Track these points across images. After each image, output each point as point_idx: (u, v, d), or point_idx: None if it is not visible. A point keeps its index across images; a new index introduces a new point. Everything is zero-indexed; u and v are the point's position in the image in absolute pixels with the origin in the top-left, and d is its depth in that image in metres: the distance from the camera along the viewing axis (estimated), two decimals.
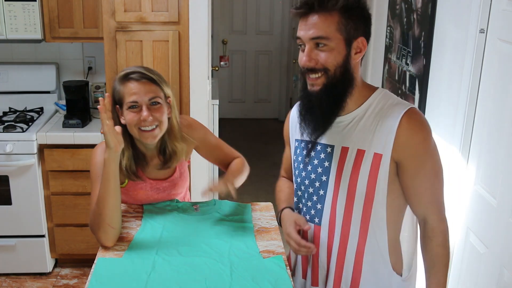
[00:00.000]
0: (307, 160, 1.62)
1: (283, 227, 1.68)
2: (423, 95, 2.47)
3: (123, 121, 1.79)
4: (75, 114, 3.18)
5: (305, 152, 1.62)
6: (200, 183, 3.03)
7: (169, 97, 1.83)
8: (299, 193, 1.69)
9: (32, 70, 3.40)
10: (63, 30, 3.07)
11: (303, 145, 1.64)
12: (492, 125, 1.94)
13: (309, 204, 1.64)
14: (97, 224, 1.71)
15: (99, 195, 1.71)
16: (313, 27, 1.44)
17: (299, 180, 1.67)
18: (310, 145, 1.61)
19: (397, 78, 2.85)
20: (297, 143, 1.70)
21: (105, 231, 1.70)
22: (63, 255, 3.28)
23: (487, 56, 1.99)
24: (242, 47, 6.21)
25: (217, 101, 3.50)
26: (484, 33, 1.99)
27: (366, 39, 1.49)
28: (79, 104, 3.22)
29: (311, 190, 1.63)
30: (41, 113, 3.36)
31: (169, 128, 1.85)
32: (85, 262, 3.24)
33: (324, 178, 1.59)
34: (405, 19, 2.72)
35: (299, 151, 1.68)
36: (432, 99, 2.42)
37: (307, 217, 1.64)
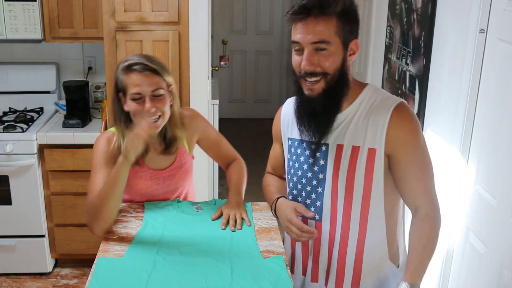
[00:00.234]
0: (312, 160, 1.63)
1: (282, 214, 1.68)
2: (423, 95, 2.47)
3: (126, 108, 1.82)
4: (75, 114, 3.18)
5: (309, 152, 1.64)
6: (200, 182, 3.02)
7: (171, 85, 1.85)
8: (295, 192, 1.70)
9: (32, 70, 3.40)
10: (63, 30, 3.07)
11: (304, 145, 1.65)
12: (492, 125, 1.94)
13: (308, 202, 1.66)
14: (92, 215, 1.76)
15: (102, 193, 1.74)
16: (313, 32, 1.45)
17: (295, 179, 1.69)
18: (314, 146, 1.62)
19: (397, 78, 2.85)
20: (290, 142, 1.71)
21: (98, 223, 1.76)
22: (63, 255, 3.28)
23: (487, 56, 1.99)
24: (242, 47, 6.21)
25: (217, 101, 3.50)
26: (484, 33, 1.99)
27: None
28: (79, 104, 3.23)
29: (308, 188, 1.65)
30: (41, 113, 3.35)
31: (170, 115, 1.87)
32: (85, 262, 3.24)
33: (321, 175, 1.61)
34: (405, 19, 2.72)
35: (293, 149, 1.69)
36: (432, 99, 2.42)
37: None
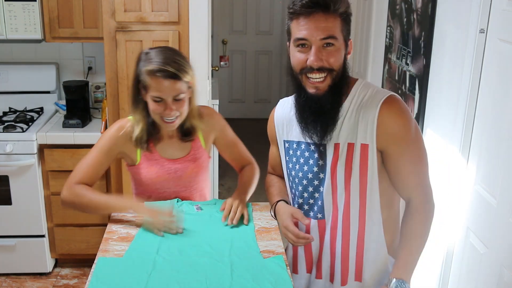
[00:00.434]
0: (312, 161, 1.64)
1: (280, 219, 1.71)
2: (423, 95, 2.47)
3: (146, 99, 1.84)
4: (75, 114, 3.18)
5: (308, 153, 1.64)
6: None
7: (190, 81, 1.85)
8: (297, 193, 1.71)
9: (32, 70, 3.40)
10: (63, 30, 3.07)
11: (303, 146, 1.66)
12: (492, 125, 1.94)
13: (311, 201, 1.67)
14: (71, 202, 1.86)
15: (94, 202, 1.83)
16: (323, 28, 1.47)
17: (297, 180, 1.69)
18: (314, 147, 1.63)
19: (397, 78, 2.85)
20: (288, 144, 1.71)
21: (67, 204, 1.87)
22: (63, 255, 3.28)
23: (487, 56, 1.99)
24: (242, 47, 6.21)
25: (217, 101, 3.50)
26: (484, 33, 1.99)
27: None
28: (79, 104, 3.23)
29: (311, 188, 1.66)
30: (41, 113, 3.35)
31: (188, 108, 1.89)
32: (85, 262, 3.25)
33: (321, 175, 1.63)
34: (405, 19, 2.72)
35: (292, 152, 1.70)
36: (432, 99, 2.42)
37: (311, 214, 1.68)
